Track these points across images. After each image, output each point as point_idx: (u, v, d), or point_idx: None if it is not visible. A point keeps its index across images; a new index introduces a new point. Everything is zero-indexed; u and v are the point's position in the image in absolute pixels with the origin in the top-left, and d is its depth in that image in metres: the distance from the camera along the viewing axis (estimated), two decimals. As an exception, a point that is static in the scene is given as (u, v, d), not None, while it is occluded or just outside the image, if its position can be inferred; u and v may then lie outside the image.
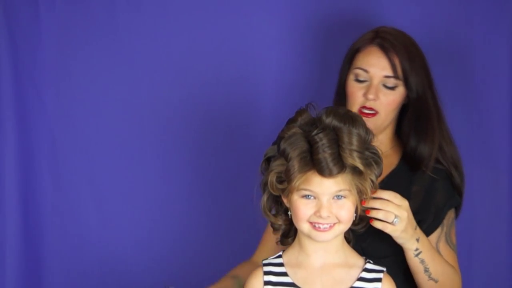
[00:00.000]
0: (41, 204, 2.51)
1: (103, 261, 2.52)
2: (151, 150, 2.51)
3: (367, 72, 2.07)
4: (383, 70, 2.06)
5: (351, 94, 2.10)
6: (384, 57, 2.06)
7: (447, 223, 2.07)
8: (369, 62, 2.07)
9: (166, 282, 2.14)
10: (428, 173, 2.08)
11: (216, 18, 2.47)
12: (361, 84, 2.09)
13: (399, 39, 2.08)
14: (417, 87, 2.07)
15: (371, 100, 2.06)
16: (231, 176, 2.49)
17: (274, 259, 1.84)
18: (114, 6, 2.48)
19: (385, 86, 2.07)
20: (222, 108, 2.48)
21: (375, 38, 2.09)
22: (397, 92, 2.07)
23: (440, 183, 2.08)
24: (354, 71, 2.09)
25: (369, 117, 2.06)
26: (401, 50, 2.06)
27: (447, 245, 2.06)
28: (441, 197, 2.07)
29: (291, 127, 1.78)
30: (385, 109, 2.07)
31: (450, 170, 2.10)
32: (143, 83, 2.49)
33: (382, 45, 2.06)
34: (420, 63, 2.08)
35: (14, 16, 2.45)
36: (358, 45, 2.11)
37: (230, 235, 2.50)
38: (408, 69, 2.05)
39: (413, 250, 1.94)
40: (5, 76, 2.45)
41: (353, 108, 2.08)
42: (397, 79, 2.06)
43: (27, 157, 2.48)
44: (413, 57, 2.07)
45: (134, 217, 2.52)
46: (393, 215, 1.87)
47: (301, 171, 1.73)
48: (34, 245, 2.50)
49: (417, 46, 2.11)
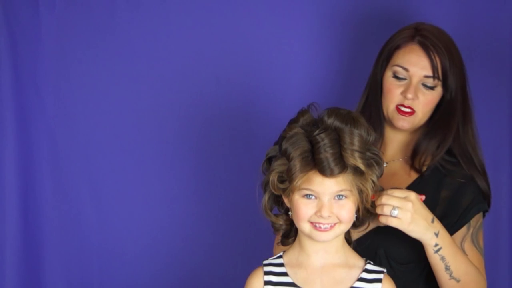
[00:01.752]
0: (41, 204, 2.51)
1: (103, 261, 2.52)
2: (151, 150, 2.51)
3: (407, 71, 2.03)
4: (423, 70, 2.02)
5: (388, 91, 2.06)
6: (426, 57, 2.02)
7: (474, 225, 2.02)
8: (410, 60, 2.03)
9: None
10: (458, 179, 2.04)
11: (217, 17, 2.47)
12: (399, 82, 2.05)
13: (440, 38, 2.04)
14: (451, 88, 2.04)
15: (409, 99, 2.03)
16: (232, 176, 2.49)
17: (275, 259, 1.85)
18: (114, 6, 2.48)
19: (424, 86, 2.03)
20: (223, 108, 2.48)
21: (415, 36, 2.04)
22: (435, 92, 2.04)
23: (470, 187, 2.03)
24: (392, 68, 2.05)
25: (406, 116, 2.04)
26: (442, 50, 2.02)
27: (473, 246, 2.01)
28: (469, 199, 2.02)
29: (293, 127, 1.78)
30: (422, 109, 2.04)
31: (475, 177, 2.05)
32: (143, 83, 2.49)
33: (424, 43, 2.02)
34: (458, 63, 2.05)
35: (14, 16, 2.45)
36: (398, 41, 2.06)
37: (231, 235, 2.50)
38: (447, 69, 2.02)
39: (432, 246, 1.89)
40: (5, 76, 2.44)
41: (390, 105, 2.06)
42: (436, 79, 2.02)
43: (27, 157, 2.48)
44: (453, 58, 2.03)
45: (134, 217, 2.52)
46: (390, 207, 1.84)
47: (303, 171, 1.73)
48: (34, 245, 2.50)
49: (456, 45, 2.07)
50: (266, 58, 2.47)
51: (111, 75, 2.50)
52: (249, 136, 2.47)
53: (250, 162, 2.38)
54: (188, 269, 2.52)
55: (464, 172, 2.06)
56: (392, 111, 2.06)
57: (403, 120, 2.05)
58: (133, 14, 2.48)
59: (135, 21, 2.48)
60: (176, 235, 2.52)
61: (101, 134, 2.51)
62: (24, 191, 2.48)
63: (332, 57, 2.47)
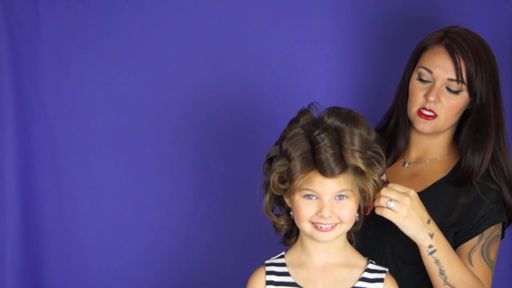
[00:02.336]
0: (41, 204, 2.50)
1: (103, 261, 2.52)
2: (151, 150, 2.50)
3: (430, 73, 2.00)
4: (447, 73, 1.98)
5: (412, 93, 2.03)
6: (450, 59, 1.98)
7: (487, 236, 1.98)
8: (434, 62, 2.00)
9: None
10: (478, 191, 2.00)
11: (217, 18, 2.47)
12: (424, 85, 2.02)
13: (468, 41, 1.99)
14: (481, 94, 1.99)
15: (431, 102, 1.99)
16: (232, 176, 2.49)
17: (277, 259, 1.85)
18: (114, 6, 2.48)
19: (448, 90, 1.99)
20: (223, 108, 2.47)
21: (444, 38, 2.01)
22: (460, 97, 2.00)
23: (489, 197, 2.00)
24: (418, 70, 2.03)
25: (428, 119, 2.01)
26: (468, 53, 1.97)
27: (481, 257, 1.97)
28: (486, 209, 1.99)
29: (293, 127, 1.78)
30: (445, 113, 2.00)
31: (501, 187, 2.02)
32: (143, 83, 2.49)
33: (450, 46, 1.99)
34: (488, 68, 2.00)
35: (14, 16, 2.45)
36: (426, 43, 2.04)
37: (231, 235, 2.50)
38: (473, 74, 1.97)
39: (426, 247, 1.87)
40: (5, 76, 2.44)
41: (413, 108, 2.03)
42: (461, 83, 1.98)
43: (27, 157, 2.48)
44: (481, 62, 1.99)
45: (134, 217, 2.51)
46: (387, 198, 1.82)
47: (303, 171, 1.74)
48: (34, 245, 2.50)
49: (488, 49, 2.02)
50: (266, 58, 2.47)
51: (111, 75, 2.49)
52: (249, 136, 2.47)
53: (250, 162, 2.38)
54: (188, 269, 2.51)
55: (491, 182, 2.02)
56: (414, 114, 2.03)
57: (423, 123, 2.02)
58: (133, 14, 2.48)
59: (135, 21, 2.48)
60: (176, 235, 2.52)
61: (101, 134, 2.50)
62: (24, 191, 2.48)
63: (333, 57, 2.47)
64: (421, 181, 2.05)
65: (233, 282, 2.36)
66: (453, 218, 1.98)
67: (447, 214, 1.94)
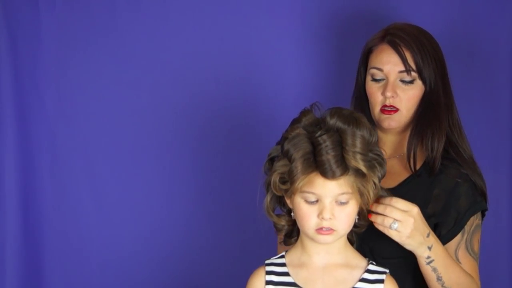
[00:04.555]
0: (41, 204, 2.51)
1: (103, 261, 2.52)
2: (151, 150, 2.50)
3: (381, 71, 2.06)
4: (396, 66, 2.05)
5: (370, 95, 2.09)
6: (395, 53, 2.05)
7: (468, 229, 2.02)
8: (382, 60, 2.06)
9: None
10: (453, 178, 2.04)
11: (217, 18, 2.47)
12: (379, 84, 2.07)
13: (409, 32, 2.06)
14: (429, 79, 2.06)
15: (390, 98, 2.05)
16: (234, 176, 2.49)
17: (277, 259, 1.84)
18: (114, 6, 2.48)
19: (403, 82, 2.05)
20: (225, 107, 2.48)
21: (386, 36, 2.07)
22: (415, 86, 2.06)
23: (464, 187, 2.04)
24: (370, 72, 2.09)
25: (391, 114, 2.06)
26: (410, 43, 2.04)
27: (467, 252, 2.02)
28: (464, 202, 2.03)
29: (295, 127, 1.78)
30: (406, 105, 2.06)
31: (467, 170, 2.05)
32: (143, 83, 2.49)
33: (392, 41, 2.05)
34: (432, 53, 2.06)
35: (14, 16, 2.45)
36: (370, 45, 2.10)
37: (231, 235, 2.50)
38: (419, 61, 2.04)
39: (424, 258, 1.91)
40: (5, 76, 2.44)
41: (375, 108, 2.08)
42: (411, 72, 2.04)
43: (27, 157, 2.48)
44: (424, 49, 2.05)
45: (135, 217, 2.52)
46: (391, 220, 1.85)
47: (304, 173, 1.73)
48: (34, 245, 2.50)
49: (429, 36, 2.09)
50: (266, 58, 2.47)
51: (111, 75, 2.49)
52: (249, 135, 2.47)
53: (250, 162, 2.39)
54: (188, 269, 2.51)
55: (459, 169, 2.05)
56: (378, 113, 2.08)
57: (388, 119, 2.06)
58: (133, 14, 2.48)
59: (135, 21, 2.48)
60: (176, 235, 2.52)
61: (101, 134, 2.51)
62: (24, 191, 2.48)
63: (333, 57, 2.47)
64: (393, 177, 2.07)
65: (233, 282, 2.35)
66: (429, 210, 2.00)
67: (423, 207, 1.96)
